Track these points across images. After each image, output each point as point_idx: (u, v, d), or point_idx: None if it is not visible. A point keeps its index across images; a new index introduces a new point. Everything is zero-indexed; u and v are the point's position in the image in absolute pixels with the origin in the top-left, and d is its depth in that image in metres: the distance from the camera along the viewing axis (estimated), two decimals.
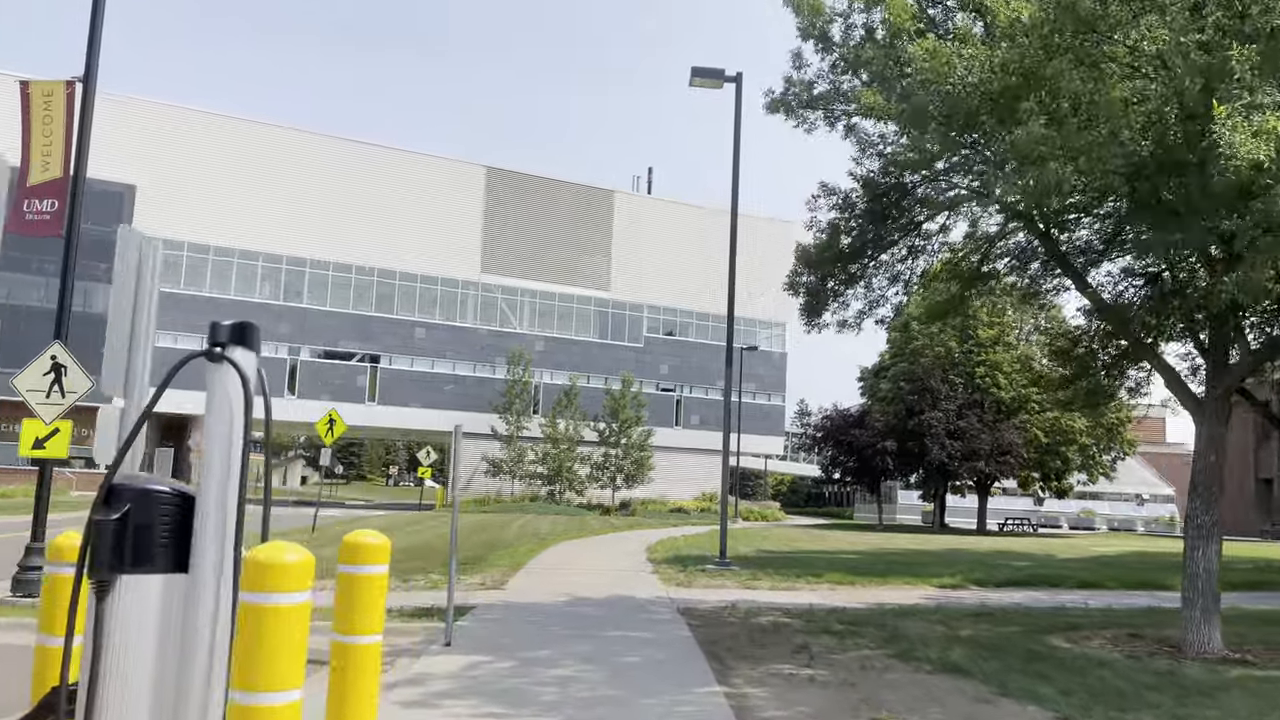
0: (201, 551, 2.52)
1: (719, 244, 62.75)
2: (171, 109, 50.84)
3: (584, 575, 16.63)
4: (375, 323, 53.72)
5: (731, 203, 20.98)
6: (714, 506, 55.38)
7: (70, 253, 11.67)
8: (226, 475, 2.59)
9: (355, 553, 4.54)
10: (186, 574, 2.52)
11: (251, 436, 2.79)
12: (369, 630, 4.40)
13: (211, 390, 2.65)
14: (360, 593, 4.41)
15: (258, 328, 2.91)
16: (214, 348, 2.69)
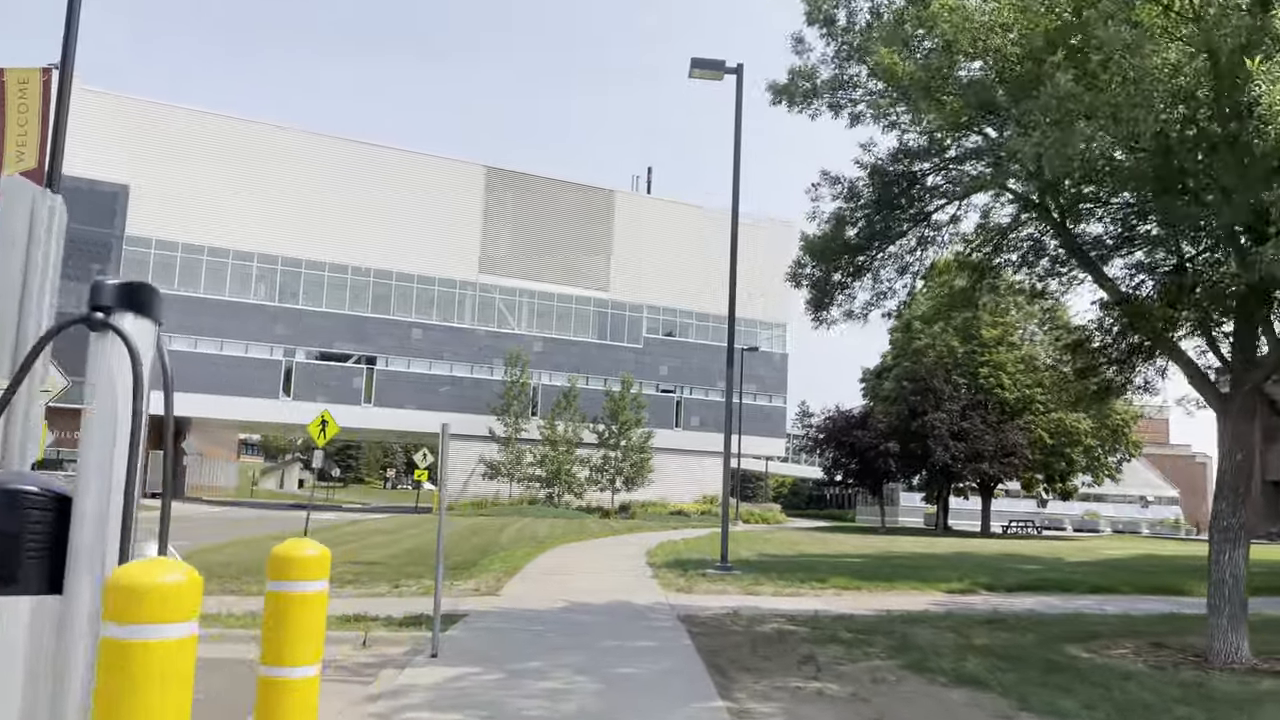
0: (76, 568, 2.02)
1: (719, 244, 62.31)
2: (165, 108, 50.36)
3: (582, 580, 16.14)
4: (371, 324, 53.23)
5: (733, 197, 20.50)
6: (715, 509, 54.87)
7: None
8: (108, 473, 2.10)
9: (286, 566, 3.75)
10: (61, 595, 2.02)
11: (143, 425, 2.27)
12: (304, 660, 3.66)
13: (93, 366, 2.14)
14: (293, 616, 3.66)
15: (158, 291, 2.39)
16: (95, 313, 2.16)
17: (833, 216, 12.38)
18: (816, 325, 12.73)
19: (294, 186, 51.64)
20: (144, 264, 48.39)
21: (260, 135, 51.89)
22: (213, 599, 11.60)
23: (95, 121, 47.93)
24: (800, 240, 13.03)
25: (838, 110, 11.48)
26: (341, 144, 54.07)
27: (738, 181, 19.97)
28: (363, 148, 54.67)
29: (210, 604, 10.93)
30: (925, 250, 12.60)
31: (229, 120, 51.69)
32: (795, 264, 12.93)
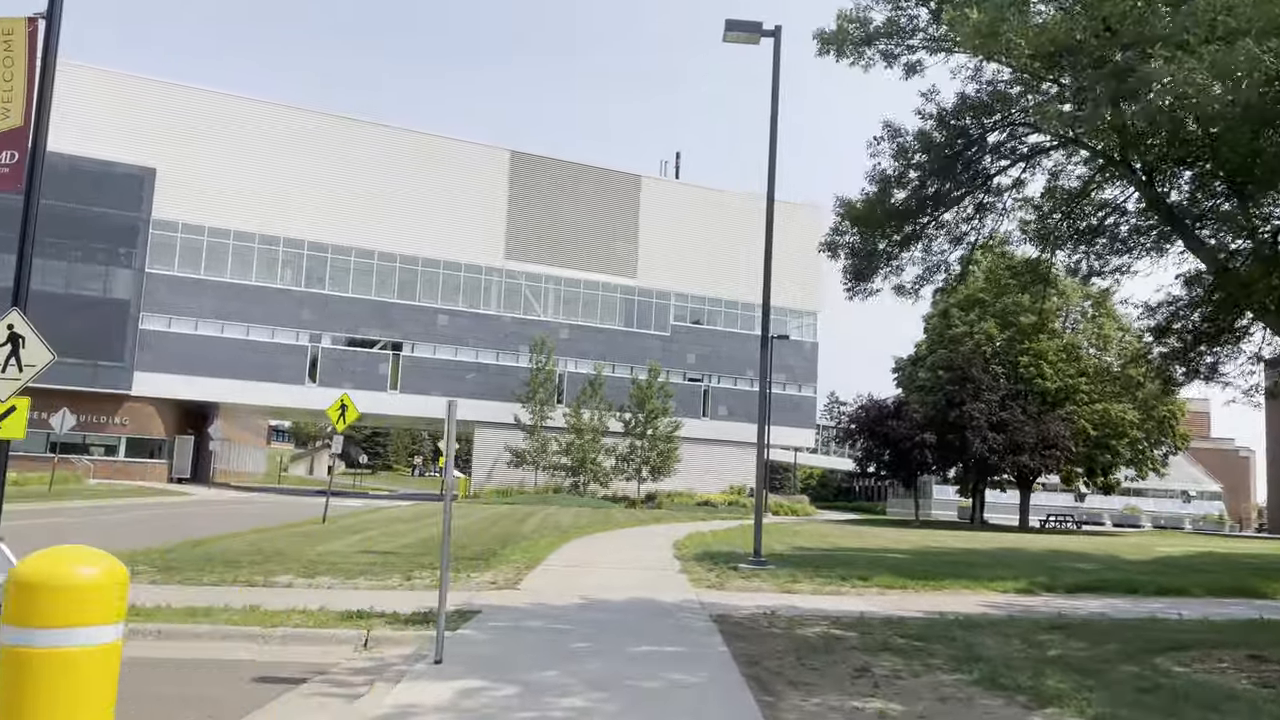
0: None
1: (748, 230, 61.33)
2: (191, 91, 49.89)
3: (606, 574, 15.18)
4: (397, 309, 52.61)
5: (769, 170, 19.31)
6: (742, 500, 53.84)
7: (30, 210, 10.31)
8: None
9: (33, 602, 2.09)
10: None
11: None
12: None
13: None
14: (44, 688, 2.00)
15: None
16: None
17: (878, 178, 11.28)
18: (853, 296, 11.64)
19: (320, 170, 51.06)
20: (170, 248, 48.04)
21: (286, 118, 51.32)
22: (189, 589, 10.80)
23: (120, 104, 47.55)
24: (837, 206, 11.94)
25: (892, 60, 10.38)
26: (368, 128, 53.42)
27: (774, 155, 18.73)
28: (388, 131, 53.98)
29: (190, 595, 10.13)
30: (983, 219, 11.48)
31: (255, 103, 51.16)
32: (832, 230, 11.85)
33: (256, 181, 49.59)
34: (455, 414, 7.45)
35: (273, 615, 9.57)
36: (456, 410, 7.55)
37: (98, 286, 46.52)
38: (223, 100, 50.32)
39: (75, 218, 45.82)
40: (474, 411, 53.53)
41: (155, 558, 14.42)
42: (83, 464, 45.53)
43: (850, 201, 11.37)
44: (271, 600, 10.83)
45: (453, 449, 7.37)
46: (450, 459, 7.38)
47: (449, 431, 7.40)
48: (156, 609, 9.61)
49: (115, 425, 47.07)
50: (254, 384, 49.16)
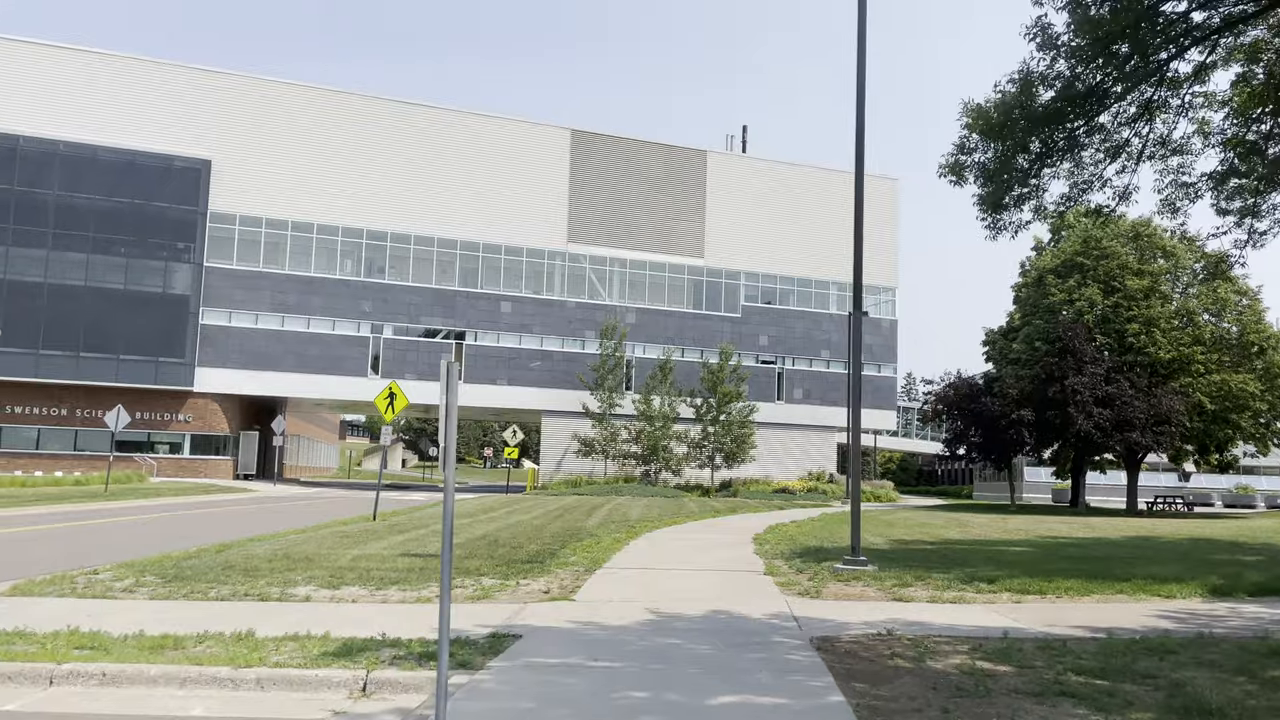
0: None
1: (821, 204, 58.44)
2: (245, 80, 49.05)
3: (677, 578, 13.00)
4: (459, 297, 51.15)
5: (856, 136, 16.74)
6: (821, 486, 51.14)
7: None
8: None
9: None
10: None
11: None
12: None
13: None
14: None
15: None
16: None
17: (1018, 77, 8.77)
18: (993, 231, 9.16)
19: (377, 157, 49.83)
20: (228, 241, 47.29)
21: (339, 104, 50.17)
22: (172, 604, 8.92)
23: (174, 96, 46.87)
24: (964, 114, 9.44)
25: None
26: (423, 110, 51.99)
27: (861, 122, 15.97)
28: (446, 114, 52.49)
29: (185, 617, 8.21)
30: (1150, 120, 8.87)
31: (309, 90, 50.11)
32: (956, 149, 9.37)
33: (313, 170, 48.56)
34: (455, 377, 5.33)
35: (259, 647, 7.62)
36: (456, 373, 5.43)
37: (157, 282, 45.97)
38: (276, 88, 49.35)
39: (133, 213, 45.36)
40: (540, 400, 51.88)
41: (169, 565, 12.74)
42: (147, 462, 45.11)
43: (980, 108, 8.91)
44: (275, 621, 8.95)
45: (453, 424, 5.25)
46: (449, 437, 5.25)
47: (447, 404, 5.27)
48: (121, 639, 7.74)
49: (179, 422, 46.56)
50: (316, 377, 48.22)
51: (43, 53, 45.67)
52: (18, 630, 7.99)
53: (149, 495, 32.73)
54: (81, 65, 45.92)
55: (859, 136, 15.65)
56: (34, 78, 44.73)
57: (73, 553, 15.25)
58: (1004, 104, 8.74)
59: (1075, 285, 39.99)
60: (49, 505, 26.22)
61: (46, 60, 45.39)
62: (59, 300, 43.95)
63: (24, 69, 44.77)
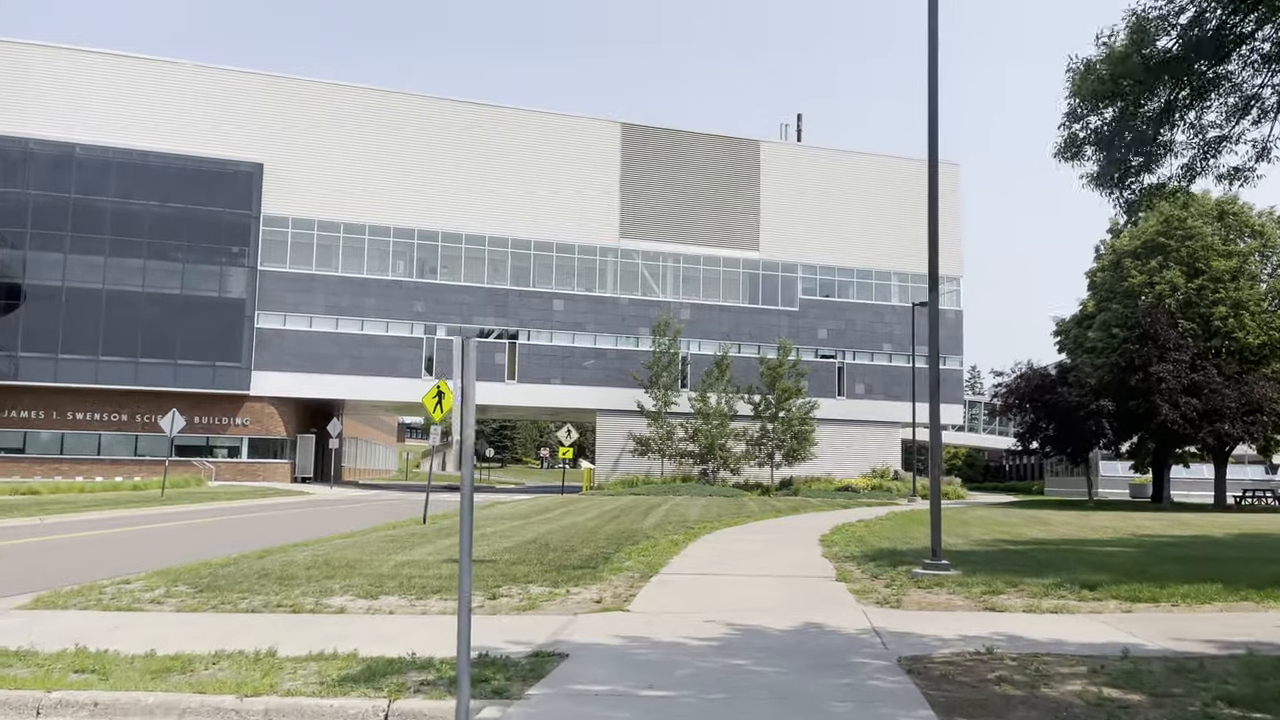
0: None
1: (881, 193, 56.73)
2: (296, 82, 49.18)
3: (740, 585, 11.97)
4: (512, 296, 50.66)
5: (929, 118, 15.49)
6: (886, 484, 49.57)
7: None
8: None
9: None
10: None
11: None
12: None
13: None
14: None
15: None
16: None
17: (1128, 25, 7.55)
18: (1130, 213, 7.98)
19: (427, 156, 49.57)
20: (281, 244, 47.40)
21: (387, 104, 50.02)
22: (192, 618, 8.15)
23: (227, 101, 47.10)
24: (1070, 76, 8.24)
25: None
26: (472, 108, 51.63)
27: (934, 101, 14.58)
28: (494, 111, 52.06)
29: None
30: None
31: (356, 90, 50.05)
32: (1067, 116, 8.14)
33: (364, 171, 48.47)
34: (470, 354, 4.42)
35: (276, 668, 6.81)
36: (471, 349, 4.51)
37: (213, 287, 46.22)
38: (326, 90, 49.37)
39: (188, 218, 45.66)
40: (594, 399, 51.13)
41: (205, 573, 12.09)
42: (205, 466, 45.37)
43: (1089, 65, 7.67)
44: (303, 635, 8.17)
45: (470, 411, 4.32)
46: (467, 427, 4.31)
47: (463, 387, 4.35)
48: (128, 660, 6.99)
49: (236, 426, 46.78)
50: (371, 379, 48.10)
51: (100, 61, 46.22)
52: (21, 650, 7.29)
53: (204, 499, 32.65)
54: (137, 73, 46.37)
55: (931, 116, 14.39)
56: (92, 86, 45.27)
57: (112, 560, 14.76)
58: (1110, 57, 7.53)
59: (1156, 268, 37.93)
60: (104, 510, 26.12)
61: (104, 69, 45.92)
62: (117, 306, 44.40)
63: (82, 78, 45.33)
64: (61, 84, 44.94)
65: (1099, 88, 7.86)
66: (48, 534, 19.39)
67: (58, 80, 44.95)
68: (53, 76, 44.95)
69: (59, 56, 45.80)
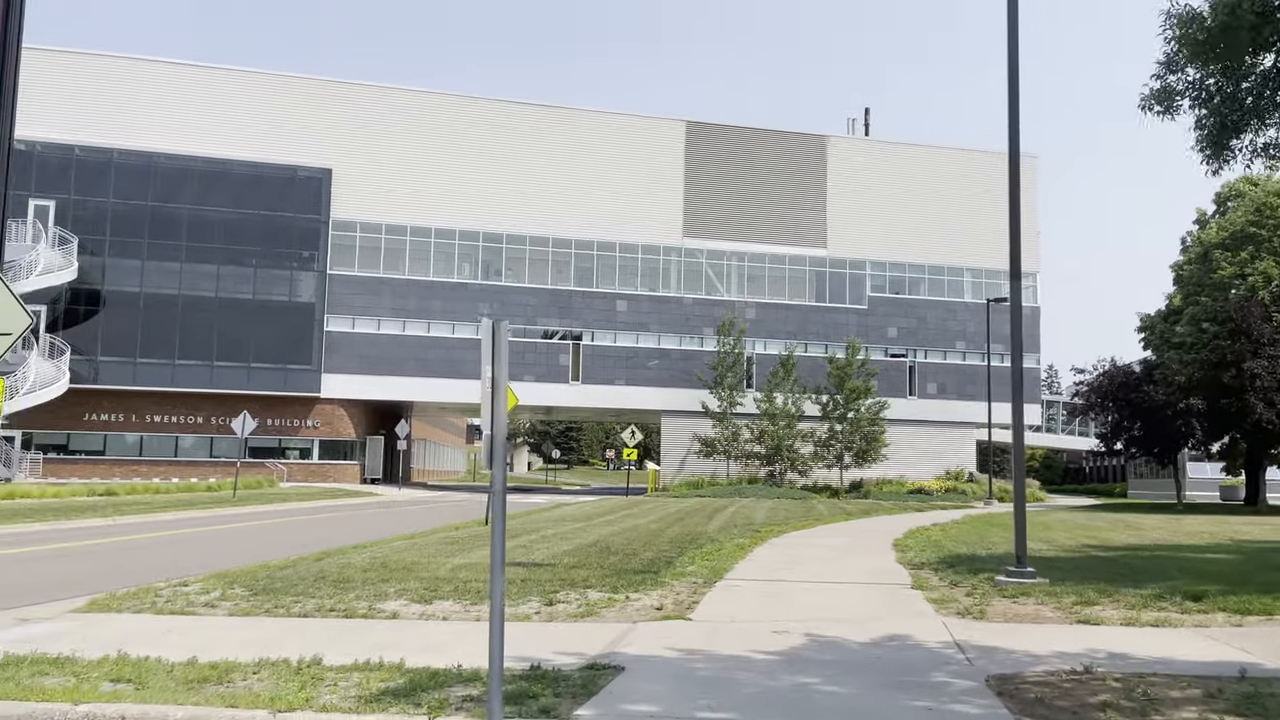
0: None
1: (951, 187, 55.13)
2: (363, 88, 49.79)
3: (811, 593, 11.35)
4: (575, 297, 50.49)
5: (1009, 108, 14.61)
6: (960, 486, 48.11)
7: (3, 127, 7.68)
8: None
9: None
10: None
11: None
12: None
13: None
14: None
15: None
16: None
17: None
18: (1215, 168, 7.16)
19: (491, 158, 49.71)
20: (350, 248, 47.97)
21: (454, 108, 50.31)
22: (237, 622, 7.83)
23: (296, 108, 47.87)
24: (1168, 24, 7.47)
25: None
26: (535, 110, 51.63)
27: (1015, 89, 13.73)
28: (557, 112, 51.99)
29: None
30: None
31: (422, 95, 50.46)
32: (1162, 65, 7.39)
33: (430, 175, 48.79)
34: (502, 337, 3.94)
35: (318, 679, 6.47)
36: (503, 333, 4.04)
37: (284, 291, 46.97)
38: (392, 94, 49.86)
39: (259, 224, 46.49)
40: (659, 400, 50.68)
41: (262, 575, 11.93)
42: (277, 468, 46.10)
43: (1193, 12, 6.90)
44: (351, 641, 7.87)
45: (502, 400, 3.85)
46: (499, 421, 3.84)
47: (494, 375, 3.88)
48: (167, 669, 6.71)
49: (307, 428, 47.47)
50: (437, 381, 48.38)
51: (174, 71, 47.38)
52: (62, 657, 7.07)
53: (274, 500, 33.03)
54: (212, 82, 47.40)
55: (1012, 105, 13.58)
56: (168, 96, 46.39)
57: (175, 561, 14.76)
58: (1224, 5, 6.75)
59: (1247, 259, 36.02)
60: (176, 511, 26.51)
61: (178, 78, 47.04)
62: (192, 311, 45.40)
63: (159, 88, 46.49)
64: (140, 94, 46.14)
65: (1202, 37, 7.09)
66: (118, 535, 19.63)
67: (137, 90, 46.17)
68: (132, 87, 46.19)
69: (137, 67, 47.05)
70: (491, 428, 4.01)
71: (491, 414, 3.98)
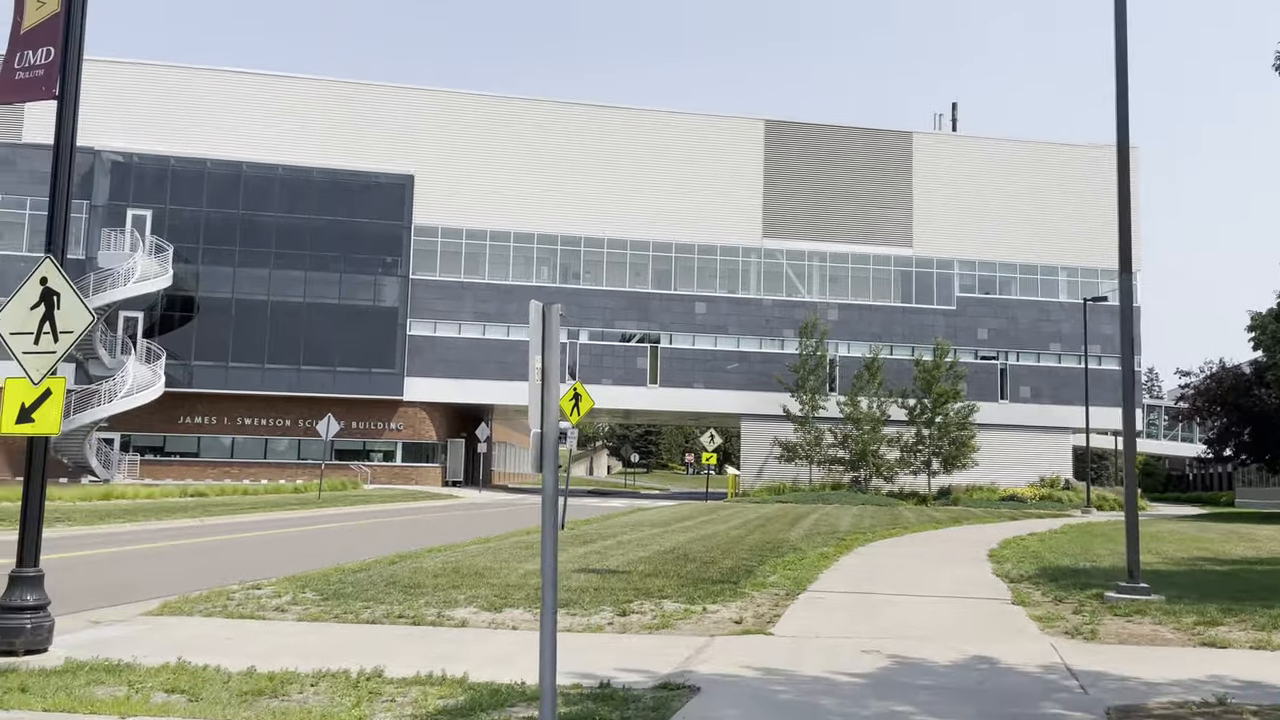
0: None
1: (1044, 181, 53.08)
2: (442, 94, 50.45)
3: (901, 606, 10.65)
4: (653, 300, 50.14)
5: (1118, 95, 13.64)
6: (1056, 494, 46.22)
7: (65, 120, 7.60)
8: None
9: None
10: None
11: None
12: None
13: None
14: None
15: None
16: None
17: None
18: None
19: (568, 161, 49.75)
20: (431, 253, 48.53)
21: (531, 112, 50.50)
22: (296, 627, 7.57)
23: (379, 116, 48.67)
24: None
25: None
26: (611, 112, 51.54)
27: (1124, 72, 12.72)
28: (634, 114, 51.79)
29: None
30: None
31: (500, 100, 50.80)
32: None
33: (508, 179, 49.04)
34: (554, 322, 3.50)
35: (375, 694, 6.16)
36: (554, 317, 3.59)
37: (368, 296, 47.75)
38: (471, 100, 50.34)
39: (344, 231, 47.37)
40: (738, 403, 49.95)
41: (334, 579, 11.78)
42: (361, 470, 46.84)
43: None
44: (416, 651, 7.58)
45: (554, 392, 3.40)
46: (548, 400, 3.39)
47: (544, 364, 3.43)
48: (224, 679, 6.45)
49: (391, 431, 48.15)
50: (517, 384, 48.43)
51: (261, 81, 48.67)
52: (122, 664, 6.87)
53: (357, 502, 33.43)
54: (295, 91, 48.54)
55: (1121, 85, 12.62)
56: (252, 106, 47.64)
57: (254, 562, 14.79)
58: None
59: None
60: (261, 513, 26.94)
61: (265, 89, 48.29)
62: (280, 316, 46.48)
63: (243, 98, 47.78)
64: (228, 105, 47.48)
65: None
66: (203, 536, 19.92)
67: (225, 101, 47.52)
68: (220, 98, 47.57)
69: (224, 79, 48.44)
70: (541, 425, 3.56)
71: (541, 410, 3.53)
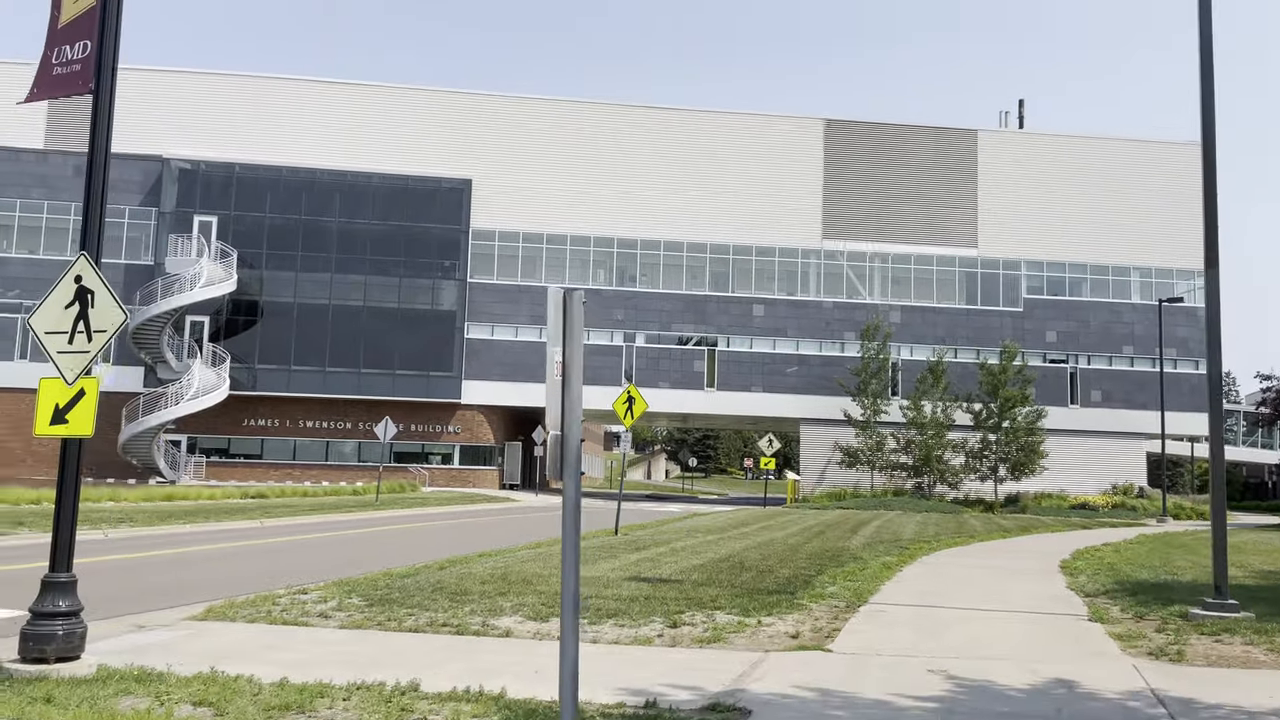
0: None
1: (1116, 180, 51.25)
2: (499, 99, 50.55)
3: (968, 621, 10.05)
4: (710, 303, 49.60)
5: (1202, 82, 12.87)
6: (1130, 501, 44.50)
7: (101, 114, 7.47)
8: None
9: None
10: None
11: None
12: None
13: None
14: None
15: None
16: None
17: None
18: None
19: (624, 164, 49.53)
20: (489, 257, 48.68)
21: (585, 115, 50.39)
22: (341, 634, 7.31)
23: (438, 121, 49.02)
24: None
25: None
26: (667, 114, 51.19)
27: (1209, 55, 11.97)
28: (691, 115, 51.35)
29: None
30: None
31: (555, 103, 50.77)
32: None
33: (564, 182, 49.00)
34: (576, 311, 3.12)
35: (408, 710, 5.86)
36: (576, 305, 3.21)
37: (426, 300, 48.07)
38: (526, 104, 50.38)
39: (404, 235, 47.78)
40: (797, 407, 49.11)
41: (381, 584, 11.61)
42: (420, 472, 47.13)
43: None
44: (457, 663, 7.33)
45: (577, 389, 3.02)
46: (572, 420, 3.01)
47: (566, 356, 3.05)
48: (254, 691, 6.21)
49: (448, 433, 48.37)
50: None
51: (326, 90, 49.36)
52: (154, 672, 6.69)
53: (415, 505, 33.54)
54: (354, 97, 49.14)
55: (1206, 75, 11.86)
56: (314, 113, 48.33)
57: (305, 565, 14.73)
58: None
59: None
60: (320, 515, 27.11)
61: (331, 96, 48.96)
62: (341, 320, 47.02)
63: (304, 105, 48.49)
64: (289, 112, 48.23)
65: None
66: (262, 537, 20.04)
67: (286, 109, 48.29)
68: (281, 105, 48.36)
69: (285, 86, 49.25)
70: (561, 427, 3.16)
71: (561, 409, 3.15)
